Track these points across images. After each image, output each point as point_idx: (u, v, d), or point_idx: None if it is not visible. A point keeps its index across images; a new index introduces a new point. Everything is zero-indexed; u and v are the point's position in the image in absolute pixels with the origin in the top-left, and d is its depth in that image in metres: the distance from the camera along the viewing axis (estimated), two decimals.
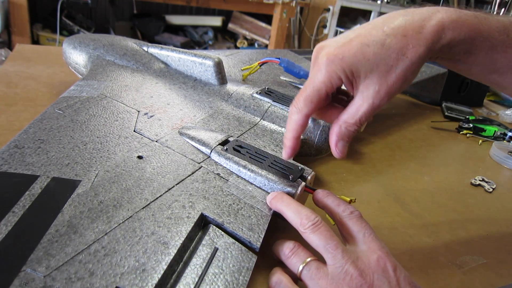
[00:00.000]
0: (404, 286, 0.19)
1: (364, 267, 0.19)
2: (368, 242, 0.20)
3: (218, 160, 0.27)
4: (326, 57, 0.21)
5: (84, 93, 0.33)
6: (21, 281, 0.16)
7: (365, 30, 0.21)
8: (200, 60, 0.39)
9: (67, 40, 0.46)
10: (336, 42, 0.22)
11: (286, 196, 0.24)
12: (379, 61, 0.20)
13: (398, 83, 0.21)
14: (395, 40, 0.20)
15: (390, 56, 0.20)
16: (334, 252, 0.20)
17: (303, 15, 2.18)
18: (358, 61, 0.21)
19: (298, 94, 0.23)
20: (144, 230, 0.20)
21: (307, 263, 0.20)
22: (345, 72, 0.21)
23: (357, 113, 0.22)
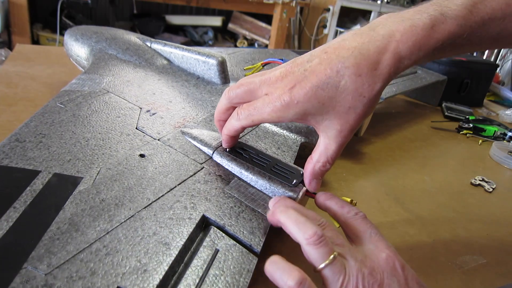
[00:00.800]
0: (412, 285, 0.19)
1: (373, 265, 0.19)
2: (375, 242, 0.20)
3: (220, 161, 0.27)
4: (280, 101, 0.21)
5: (86, 87, 0.33)
6: (22, 279, 0.16)
7: (319, 65, 0.21)
8: (203, 58, 0.39)
9: (69, 31, 0.45)
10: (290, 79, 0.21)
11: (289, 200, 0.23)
12: (335, 105, 0.20)
13: (358, 120, 0.21)
14: (349, 82, 0.20)
15: (346, 99, 0.20)
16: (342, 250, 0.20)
17: (303, 15, 2.18)
18: (312, 106, 0.21)
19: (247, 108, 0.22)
20: (146, 230, 0.20)
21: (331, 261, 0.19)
22: (297, 116, 0.21)
23: (327, 152, 0.22)
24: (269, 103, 0.21)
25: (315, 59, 0.21)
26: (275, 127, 0.35)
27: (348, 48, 0.20)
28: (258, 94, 0.22)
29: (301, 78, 0.21)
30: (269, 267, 0.19)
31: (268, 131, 0.34)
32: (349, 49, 0.20)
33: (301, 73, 0.21)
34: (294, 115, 0.21)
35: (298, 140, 0.34)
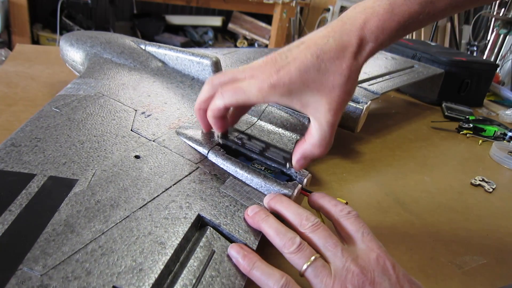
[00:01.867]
0: (403, 283, 0.19)
1: (364, 264, 0.19)
2: (367, 241, 0.21)
3: (215, 161, 0.27)
4: (267, 82, 0.22)
5: (81, 91, 0.33)
6: (18, 280, 0.16)
7: (300, 52, 0.22)
8: (197, 59, 0.39)
9: (64, 37, 0.45)
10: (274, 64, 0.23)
11: (284, 197, 0.24)
12: (319, 85, 0.22)
13: (343, 96, 0.22)
14: (329, 64, 0.22)
15: (328, 79, 0.22)
16: (334, 250, 0.20)
17: (303, 15, 2.18)
18: (298, 88, 0.22)
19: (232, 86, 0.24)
20: (141, 230, 0.20)
21: (312, 261, 0.20)
22: (283, 97, 0.23)
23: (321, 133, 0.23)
24: (255, 84, 0.23)
25: (295, 49, 0.23)
26: (270, 126, 0.35)
27: (323, 37, 0.23)
28: (242, 79, 0.24)
29: (285, 63, 0.22)
30: (253, 272, 0.20)
31: (263, 129, 0.34)
32: (324, 37, 0.23)
33: (283, 60, 0.23)
34: (281, 95, 0.22)
35: (293, 137, 0.34)
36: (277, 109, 0.36)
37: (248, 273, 0.20)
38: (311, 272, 0.19)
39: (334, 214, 0.23)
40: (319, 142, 0.23)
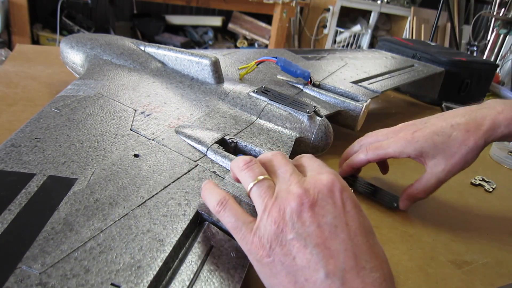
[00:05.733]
0: (350, 208, 0.18)
1: (309, 186, 0.18)
2: (317, 169, 0.20)
3: (214, 158, 0.27)
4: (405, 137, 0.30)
5: (81, 92, 0.33)
6: (17, 278, 0.16)
7: (435, 121, 0.30)
8: (196, 59, 0.39)
9: (65, 39, 0.46)
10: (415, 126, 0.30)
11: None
12: (445, 148, 0.29)
13: (459, 164, 0.29)
14: (460, 134, 0.28)
15: (454, 146, 0.28)
16: (283, 176, 0.19)
17: (303, 15, 2.18)
18: (428, 146, 0.29)
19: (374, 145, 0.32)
20: (140, 227, 0.20)
21: (259, 180, 0.19)
22: (415, 151, 0.29)
23: (427, 184, 0.30)
24: (394, 141, 0.30)
25: (434, 118, 0.30)
26: (270, 124, 0.35)
27: (461, 114, 0.30)
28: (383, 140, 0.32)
29: (422, 126, 0.30)
30: (202, 193, 0.21)
31: (263, 127, 0.34)
32: (461, 114, 0.29)
33: (421, 124, 0.30)
34: (413, 150, 0.29)
35: (293, 135, 0.34)
36: (276, 108, 0.36)
37: (202, 195, 0.21)
38: (255, 191, 0.19)
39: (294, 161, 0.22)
40: (424, 188, 0.30)
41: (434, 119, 0.30)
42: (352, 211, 0.18)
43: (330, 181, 0.18)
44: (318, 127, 0.35)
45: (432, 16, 2.07)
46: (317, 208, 0.17)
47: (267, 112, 0.36)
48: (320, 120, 0.35)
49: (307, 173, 0.20)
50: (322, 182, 0.18)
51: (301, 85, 0.46)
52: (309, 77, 0.46)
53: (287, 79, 0.47)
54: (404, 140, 0.30)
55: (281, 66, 0.45)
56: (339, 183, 0.19)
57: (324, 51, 0.67)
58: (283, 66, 0.45)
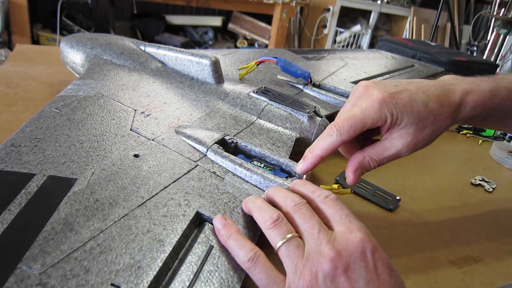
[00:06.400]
0: (381, 271, 0.18)
1: (341, 248, 0.18)
2: (346, 223, 0.19)
3: (214, 159, 0.27)
4: (382, 96, 0.23)
5: (81, 92, 0.33)
6: (17, 278, 0.16)
7: (412, 87, 0.24)
8: (197, 59, 0.39)
9: (65, 39, 0.46)
10: (387, 86, 0.24)
11: (280, 187, 0.24)
12: (419, 119, 0.24)
13: (424, 141, 0.24)
14: (435, 106, 0.24)
15: (429, 118, 0.24)
16: (311, 231, 0.19)
17: (303, 15, 2.18)
18: (405, 112, 0.23)
19: (344, 119, 0.24)
20: (140, 227, 0.20)
21: (287, 239, 0.19)
22: (393, 116, 0.23)
23: (383, 154, 0.25)
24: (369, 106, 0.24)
25: (404, 82, 0.25)
26: (270, 124, 0.35)
27: (432, 85, 0.25)
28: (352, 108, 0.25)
29: (396, 89, 0.24)
30: (229, 242, 0.20)
31: (263, 127, 0.34)
32: (433, 85, 0.25)
33: (394, 86, 0.24)
34: (391, 114, 0.24)
35: (293, 135, 0.34)
36: (276, 108, 0.36)
37: (225, 242, 0.20)
38: (284, 251, 0.19)
39: (312, 201, 0.22)
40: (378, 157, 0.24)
41: (405, 83, 0.25)
42: (383, 273, 0.18)
43: (361, 241, 0.18)
44: (318, 127, 0.35)
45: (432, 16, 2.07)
46: (350, 273, 0.17)
47: (267, 112, 0.36)
48: (320, 120, 0.35)
49: (335, 227, 0.20)
50: (353, 243, 0.18)
51: (301, 85, 0.46)
52: (309, 77, 0.46)
53: (287, 79, 0.47)
54: (383, 100, 0.23)
55: (281, 66, 0.45)
56: (370, 243, 0.18)
57: (324, 51, 0.67)
58: (283, 66, 0.45)
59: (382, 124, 0.24)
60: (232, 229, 0.20)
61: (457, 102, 0.24)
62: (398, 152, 0.24)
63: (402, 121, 0.23)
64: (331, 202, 0.21)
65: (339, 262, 0.17)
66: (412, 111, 0.23)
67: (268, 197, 0.23)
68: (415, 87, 0.24)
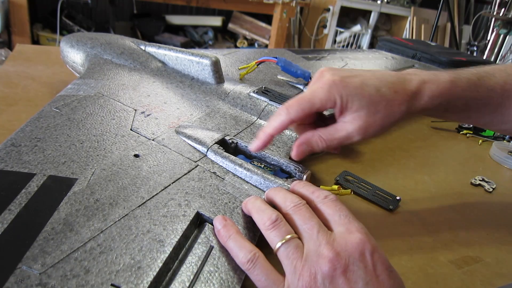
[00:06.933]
0: (380, 272, 0.18)
1: (340, 249, 0.18)
2: (345, 224, 0.19)
3: (214, 159, 0.27)
4: (332, 79, 0.24)
5: (81, 92, 0.33)
6: (17, 278, 0.16)
7: (365, 73, 0.25)
8: (197, 59, 0.39)
9: (65, 38, 0.46)
10: (341, 72, 0.25)
11: (280, 187, 0.24)
12: (371, 103, 0.24)
13: (377, 127, 0.24)
14: (388, 92, 0.24)
15: (381, 103, 0.24)
16: (310, 232, 0.19)
17: (303, 15, 2.18)
18: (356, 95, 0.23)
19: (294, 99, 0.24)
20: (140, 228, 0.20)
21: (286, 240, 0.19)
22: (342, 98, 0.24)
23: (333, 135, 0.25)
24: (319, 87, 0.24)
25: (359, 69, 0.26)
26: None
27: (389, 74, 0.25)
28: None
29: (349, 73, 0.25)
30: (228, 243, 0.20)
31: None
32: (390, 74, 0.25)
33: (348, 71, 0.25)
34: (340, 96, 0.24)
35: (293, 136, 0.34)
36: (277, 108, 0.36)
37: (224, 243, 0.20)
38: (283, 252, 0.19)
39: (312, 202, 0.22)
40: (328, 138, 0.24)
41: (361, 71, 0.25)
42: (383, 274, 0.18)
43: (360, 242, 0.18)
44: None
45: (432, 16, 2.07)
46: (349, 274, 0.17)
47: (267, 113, 0.36)
48: None
49: (334, 228, 0.20)
50: (352, 244, 0.18)
51: (302, 86, 0.46)
52: (309, 77, 0.46)
53: (287, 80, 0.47)
54: (332, 83, 0.23)
55: (281, 66, 0.45)
56: (369, 244, 0.18)
57: (324, 51, 0.67)
58: (284, 66, 0.45)
59: (332, 106, 0.24)
60: (232, 230, 0.20)
61: (413, 91, 0.24)
62: (349, 135, 0.24)
63: (353, 104, 0.23)
64: (330, 202, 0.21)
65: (338, 263, 0.17)
66: (362, 95, 0.23)
67: (268, 197, 0.23)
68: (369, 74, 0.25)
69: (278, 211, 0.21)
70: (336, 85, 0.23)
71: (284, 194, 0.22)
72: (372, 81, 0.24)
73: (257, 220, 0.21)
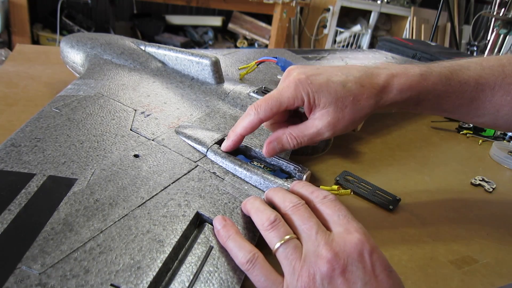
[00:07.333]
0: (379, 272, 0.18)
1: (338, 249, 0.18)
2: (344, 224, 0.19)
3: (214, 159, 0.27)
4: (298, 77, 0.24)
5: (81, 92, 0.33)
6: (16, 278, 0.16)
7: (331, 69, 0.25)
8: (197, 59, 0.39)
9: (65, 39, 0.46)
10: (308, 69, 0.25)
11: (279, 188, 0.24)
12: (337, 98, 0.24)
13: (346, 121, 0.24)
14: (354, 86, 0.24)
15: (348, 98, 0.24)
16: (309, 232, 0.19)
17: (303, 15, 2.18)
18: (322, 91, 0.24)
19: (262, 99, 0.25)
20: (140, 228, 0.20)
21: (285, 241, 0.19)
22: (309, 95, 0.24)
23: (303, 132, 0.25)
24: (285, 86, 0.24)
25: (325, 66, 0.26)
26: None
27: (356, 68, 0.25)
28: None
29: (315, 71, 0.25)
30: (228, 243, 0.20)
31: (263, 128, 0.34)
32: (357, 69, 0.25)
33: (314, 69, 0.25)
34: (307, 93, 0.24)
35: None
36: None
37: (224, 243, 0.20)
38: (282, 252, 0.19)
39: (311, 202, 0.22)
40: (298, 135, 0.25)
41: (327, 67, 0.25)
42: (381, 274, 0.18)
43: (359, 242, 0.18)
44: None
45: (432, 16, 2.07)
46: (348, 274, 0.17)
47: None
48: None
49: (333, 228, 0.19)
50: (351, 244, 0.18)
51: None
52: None
53: None
54: (298, 81, 0.24)
55: (281, 66, 0.45)
56: (368, 244, 0.18)
57: (324, 51, 0.67)
58: (284, 67, 0.45)
59: (300, 104, 0.24)
60: (231, 230, 0.20)
61: (381, 84, 0.24)
62: (319, 131, 0.24)
63: (320, 101, 0.24)
64: (329, 203, 0.21)
65: (336, 264, 0.17)
66: (328, 91, 0.24)
67: (268, 198, 0.23)
68: (336, 70, 0.25)
69: (277, 211, 0.21)
70: (302, 83, 0.24)
71: (283, 194, 0.22)
72: (338, 77, 0.24)
73: (256, 221, 0.21)
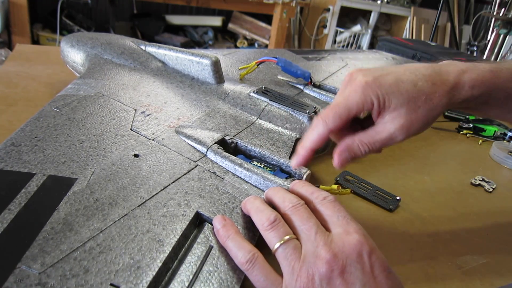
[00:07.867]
0: (378, 273, 0.18)
1: (337, 250, 0.18)
2: (343, 225, 0.19)
3: (214, 159, 0.27)
4: (365, 81, 0.23)
5: (81, 92, 0.33)
6: (16, 278, 0.16)
7: (397, 69, 0.23)
8: (197, 59, 0.39)
9: (65, 38, 0.46)
10: (373, 71, 0.23)
11: (279, 187, 0.24)
12: (409, 99, 0.22)
13: (419, 123, 0.23)
14: (426, 85, 0.22)
15: (420, 98, 0.22)
16: (308, 233, 0.19)
17: (303, 15, 2.18)
18: (392, 93, 0.22)
19: (328, 109, 0.23)
20: (139, 227, 0.20)
21: (285, 241, 0.19)
22: (378, 98, 0.22)
23: (375, 138, 0.23)
24: (351, 91, 0.23)
25: (391, 66, 0.24)
26: (270, 124, 0.35)
27: (423, 66, 0.24)
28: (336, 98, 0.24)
29: (381, 72, 0.23)
30: (227, 243, 0.20)
31: (263, 128, 0.34)
32: (424, 66, 0.24)
33: (379, 71, 0.24)
34: (376, 96, 0.22)
35: (293, 136, 0.34)
36: (277, 108, 0.36)
37: (223, 243, 0.20)
38: (282, 253, 0.19)
39: (311, 202, 0.22)
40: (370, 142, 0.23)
41: (393, 67, 0.24)
42: (380, 275, 0.18)
43: (358, 243, 0.18)
44: None
45: (432, 16, 2.07)
46: (346, 275, 0.17)
47: (267, 113, 0.36)
48: None
49: (332, 229, 0.19)
50: (350, 245, 0.18)
51: (302, 86, 0.46)
52: (309, 77, 0.46)
53: (287, 80, 0.47)
54: (365, 84, 0.22)
55: (281, 66, 0.45)
56: (367, 245, 0.18)
57: (324, 52, 0.67)
58: (284, 67, 0.45)
59: (370, 109, 0.23)
60: (231, 230, 0.20)
61: (452, 81, 0.23)
62: (391, 135, 0.23)
63: (390, 103, 0.22)
64: (329, 203, 0.21)
65: (335, 265, 0.17)
66: (399, 91, 0.22)
67: (267, 197, 0.23)
68: (402, 69, 0.23)
69: (277, 211, 0.21)
70: (370, 86, 0.22)
71: (283, 194, 0.22)
72: (407, 76, 0.23)
73: (255, 220, 0.21)
